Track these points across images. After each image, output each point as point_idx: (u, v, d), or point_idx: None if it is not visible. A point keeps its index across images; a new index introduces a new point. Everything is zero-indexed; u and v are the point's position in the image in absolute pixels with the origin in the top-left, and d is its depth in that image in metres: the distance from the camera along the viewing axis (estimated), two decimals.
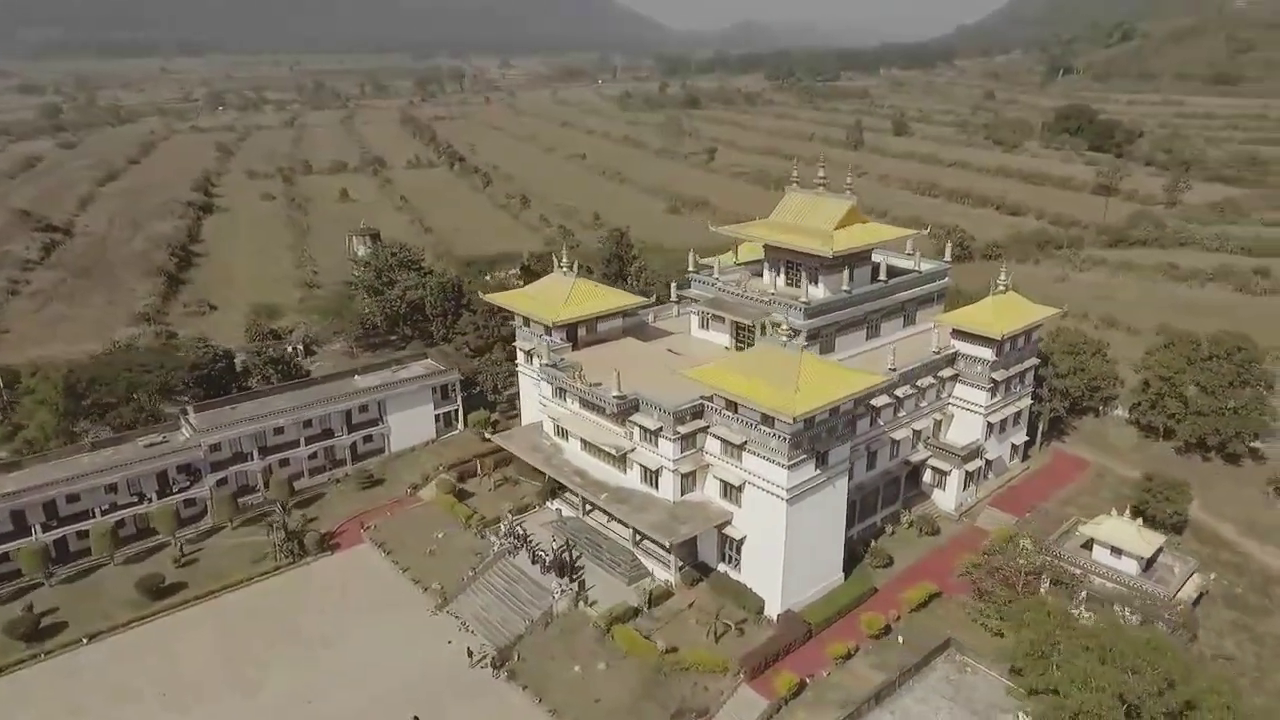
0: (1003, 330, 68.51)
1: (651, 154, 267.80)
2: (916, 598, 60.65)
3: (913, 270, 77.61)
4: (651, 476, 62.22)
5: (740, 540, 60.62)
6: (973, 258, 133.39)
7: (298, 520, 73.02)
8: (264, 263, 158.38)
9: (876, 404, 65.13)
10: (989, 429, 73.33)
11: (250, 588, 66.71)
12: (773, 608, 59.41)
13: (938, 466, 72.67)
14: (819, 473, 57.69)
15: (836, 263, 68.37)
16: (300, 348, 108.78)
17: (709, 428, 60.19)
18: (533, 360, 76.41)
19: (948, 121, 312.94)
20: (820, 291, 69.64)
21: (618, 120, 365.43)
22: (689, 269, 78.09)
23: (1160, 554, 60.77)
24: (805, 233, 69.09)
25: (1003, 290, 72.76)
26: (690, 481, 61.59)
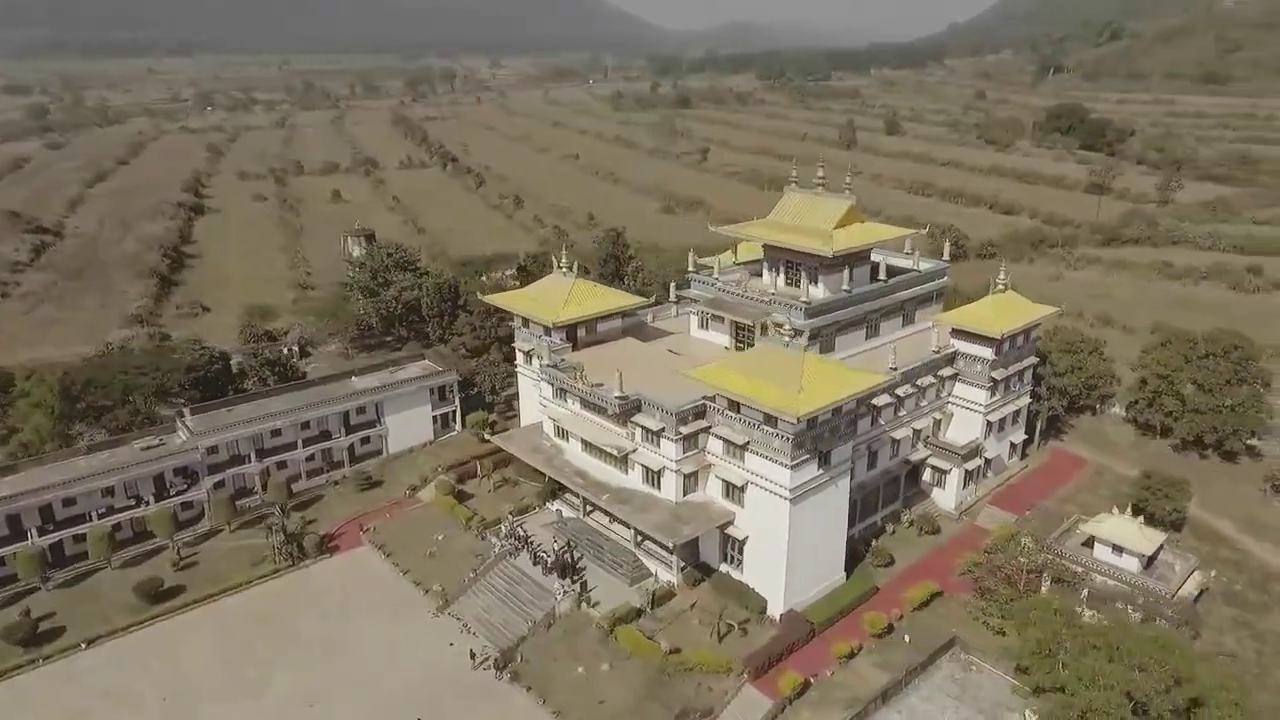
0: (1002, 329, 68.68)
1: (644, 154, 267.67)
2: (919, 597, 60.72)
3: (911, 270, 77.70)
4: (653, 477, 62.12)
5: (743, 540, 60.58)
6: (967, 257, 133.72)
7: (296, 523, 72.63)
8: (257, 264, 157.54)
9: (877, 403, 65.20)
10: (988, 428, 73.51)
11: (250, 591, 66.26)
12: (775, 607, 59.39)
13: (937, 465, 72.78)
14: (822, 472, 57.71)
15: (836, 262, 68.42)
16: (295, 349, 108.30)
17: (711, 428, 60.14)
18: (532, 361, 76.27)
19: (939, 121, 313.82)
20: (820, 291, 69.67)
21: (609, 120, 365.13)
22: (688, 269, 78.04)
23: (1161, 551, 61.00)
24: (805, 232, 69.11)
25: (1002, 289, 72.96)
26: (692, 482, 61.54)
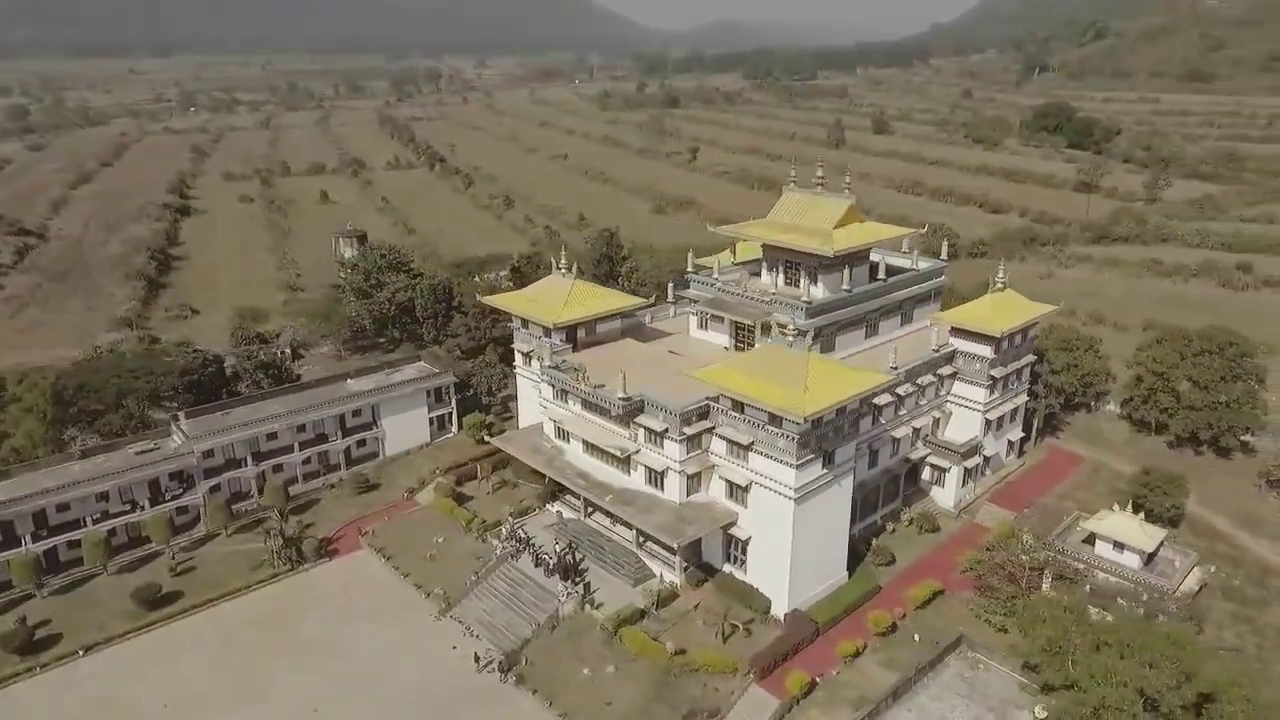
0: (1002, 328, 68.96)
1: (633, 154, 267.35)
2: (921, 595, 60.87)
3: (910, 269, 77.88)
4: (656, 478, 61.98)
5: (746, 540, 60.56)
6: (959, 255, 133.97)
7: (294, 526, 72.01)
8: (245, 265, 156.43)
9: (878, 402, 65.34)
10: (987, 426, 73.76)
11: (249, 595, 65.65)
12: (779, 607, 59.39)
13: (937, 464, 73.00)
14: (826, 472, 57.74)
15: (836, 262, 68.48)
16: (287, 351, 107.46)
17: (714, 428, 60.05)
18: (531, 362, 76.01)
19: (927, 120, 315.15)
20: (820, 291, 69.69)
21: (597, 120, 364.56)
22: (688, 269, 77.98)
23: (1161, 548, 61.36)
24: (805, 232, 69.12)
25: (1000, 288, 73.24)
26: (696, 482, 61.45)
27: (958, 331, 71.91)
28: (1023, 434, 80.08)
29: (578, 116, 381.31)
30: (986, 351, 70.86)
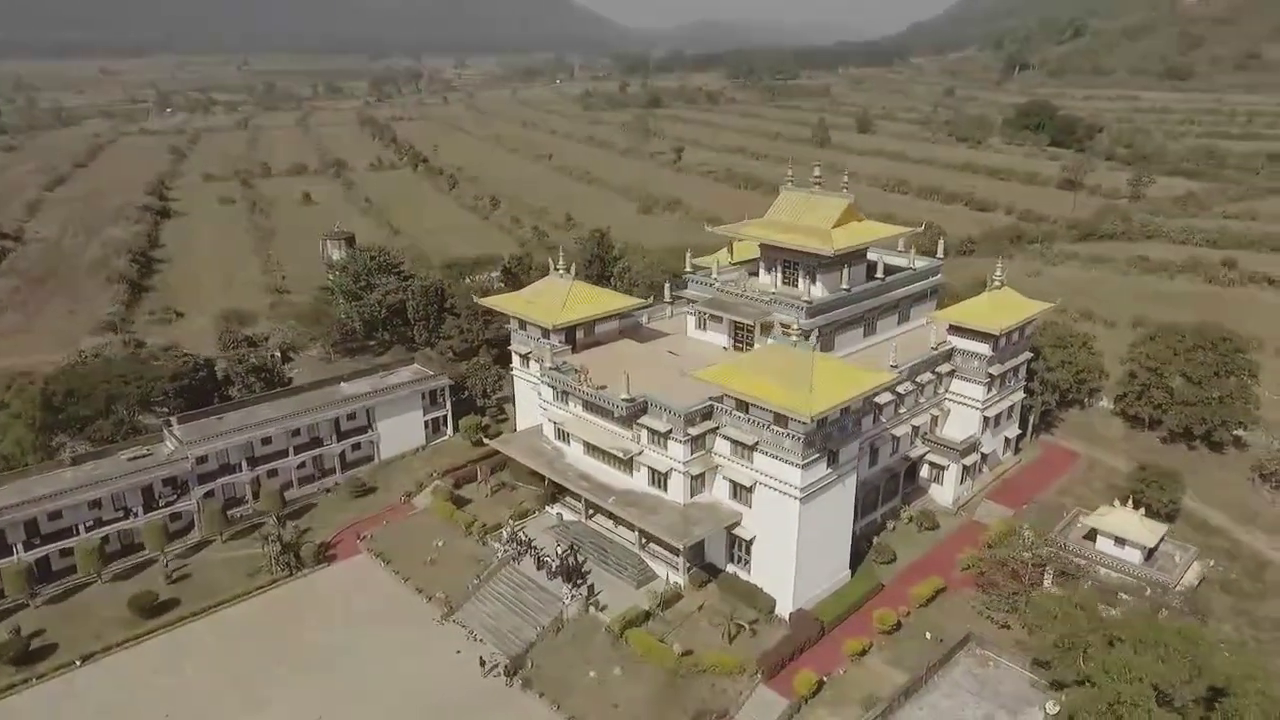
0: (1001, 325, 69.33)
1: (618, 154, 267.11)
2: (924, 593, 61.02)
3: (906, 268, 78.10)
4: (660, 479, 61.75)
5: (750, 540, 60.44)
6: (948, 254, 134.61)
7: (291, 532, 71.25)
8: (229, 268, 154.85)
9: (879, 401, 65.53)
10: (985, 423, 74.14)
11: (249, 602, 64.85)
12: (784, 607, 59.34)
13: (935, 461, 73.27)
14: (830, 471, 57.76)
15: (835, 261, 68.51)
16: (277, 354, 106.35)
17: (718, 429, 59.89)
18: (529, 364, 75.61)
19: (910, 119, 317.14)
20: (819, 290, 69.72)
21: (580, 120, 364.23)
22: (683, 269, 77.87)
23: (1161, 543, 61.89)
24: (804, 232, 69.10)
25: (998, 286, 73.63)
26: (699, 483, 61.25)
27: (956, 329, 72.20)
28: (1019, 431, 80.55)
29: (560, 117, 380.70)
30: (985, 349, 71.21)
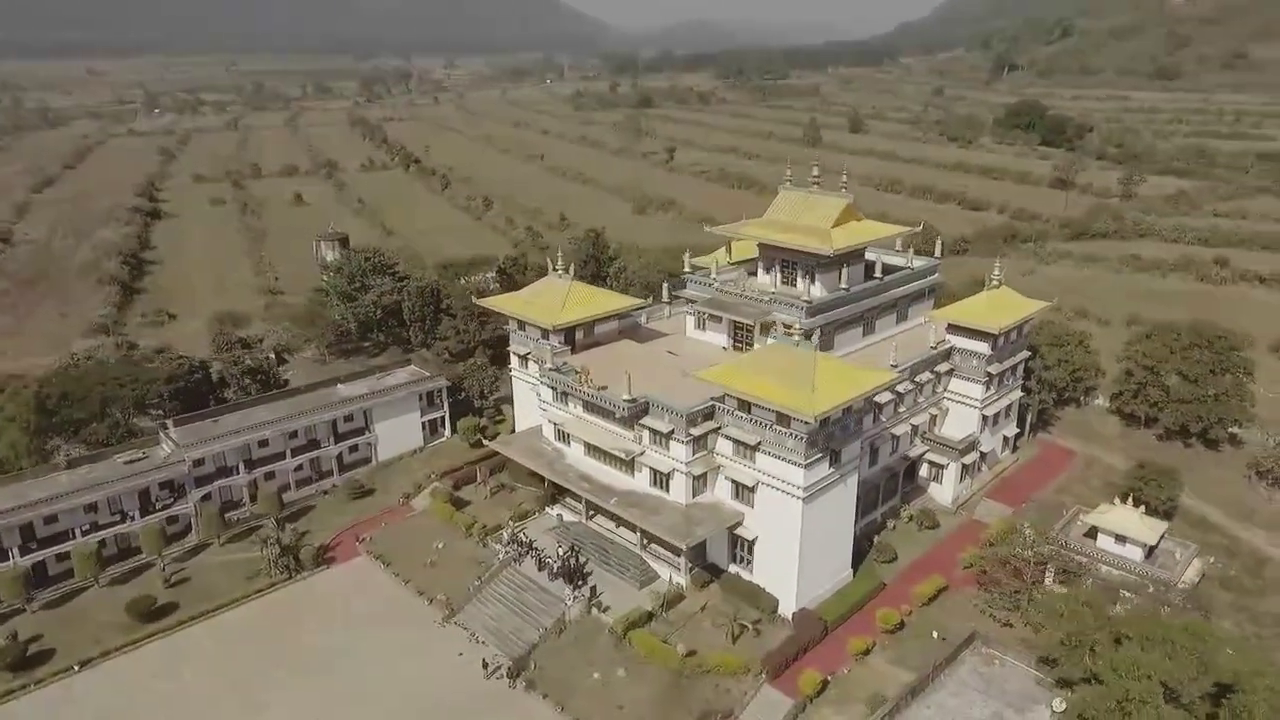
0: (1000, 324, 69.54)
1: (610, 154, 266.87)
2: (927, 592, 61.11)
3: (904, 267, 78.25)
4: (662, 479, 61.66)
5: (752, 540, 60.40)
6: (942, 253, 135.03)
7: (289, 534, 70.81)
8: (221, 269, 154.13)
9: (879, 400, 65.55)
10: (984, 422, 74.35)
11: (248, 605, 64.41)
12: (787, 607, 59.34)
13: (935, 460, 73.42)
14: (833, 470, 57.79)
15: (834, 261, 68.61)
16: (272, 356, 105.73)
17: (720, 429, 59.84)
18: (527, 365, 75.44)
19: (901, 118, 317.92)
20: (818, 290, 69.78)
21: (571, 120, 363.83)
22: (684, 269, 77.85)
23: (1161, 540, 62.15)
24: (803, 231, 69.12)
25: (996, 285, 73.85)
26: (701, 483, 61.18)
27: (955, 328, 72.38)
28: (1017, 430, 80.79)
29: (551, 117, 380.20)
30: (984, 348, 71.41)
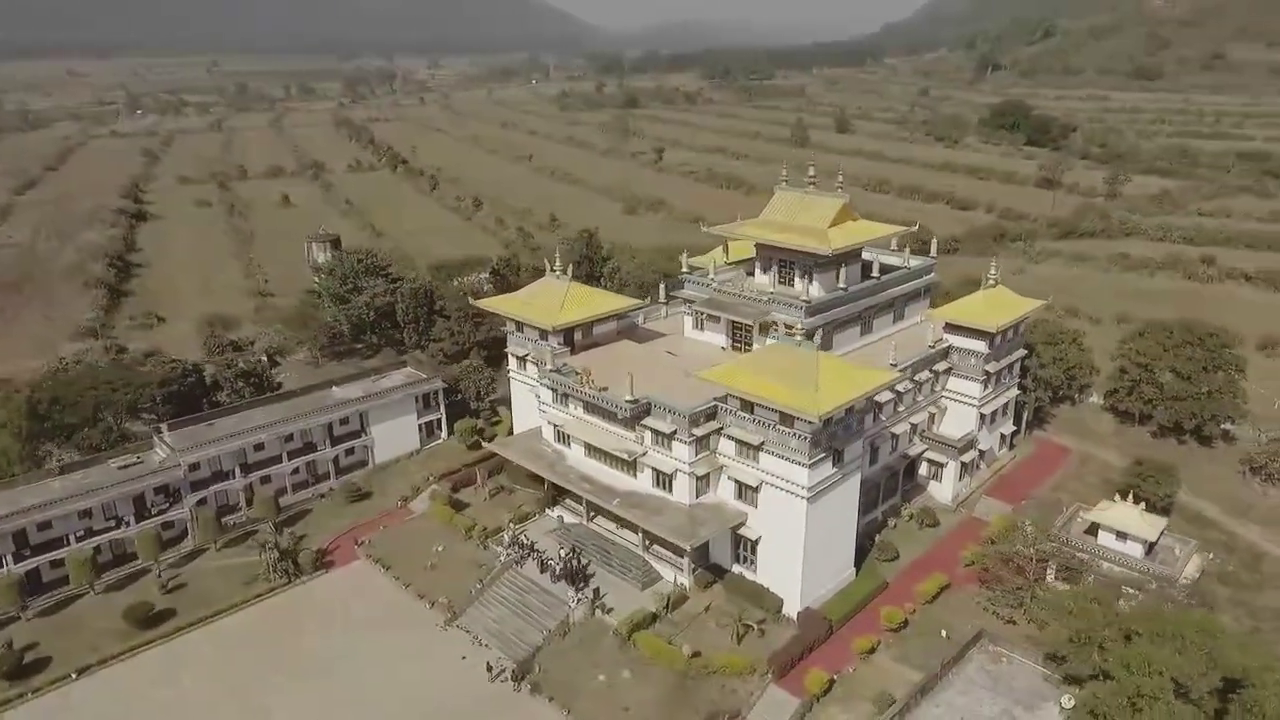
0: (997, 323, 69.86)
1: (598, 154, 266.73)
2: (930, 590, 61.32)
3: (901, 267, 78.48)
4: (665, 480, 61.56)
5: (755, 540, 60.38)
6: (930, 252, 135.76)
7: (287, 539, 70.24)
8: (209, 271, 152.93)
9: (879, 399, 65.70)
10: (982, 420, 74.67)
11: (247, 611, 63.84)
12: (791, 606, 59.37)
13: (934, 458, 73.70)
14: (836, 470, 57.87)
15: (832, 261, 68.68)
16: (264, 359, 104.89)
17: (723, 429, 59.80)
18: (525, 366, 75.18)
19: (887, 119, 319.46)
20: (816, 290, 69.86)
21: (558, 121, 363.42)
22: (682, 269, 77.81)
23: (1161, 536, 62.62)
24: (800, 231, 69.14)
25: (993, 284, 74.22)
26: (704, 484, 61.12)
27: (952, 328, 72.65)
28: (1014, 427, 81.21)
29: (538, 117, 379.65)
30: (981, 347, 71.73)
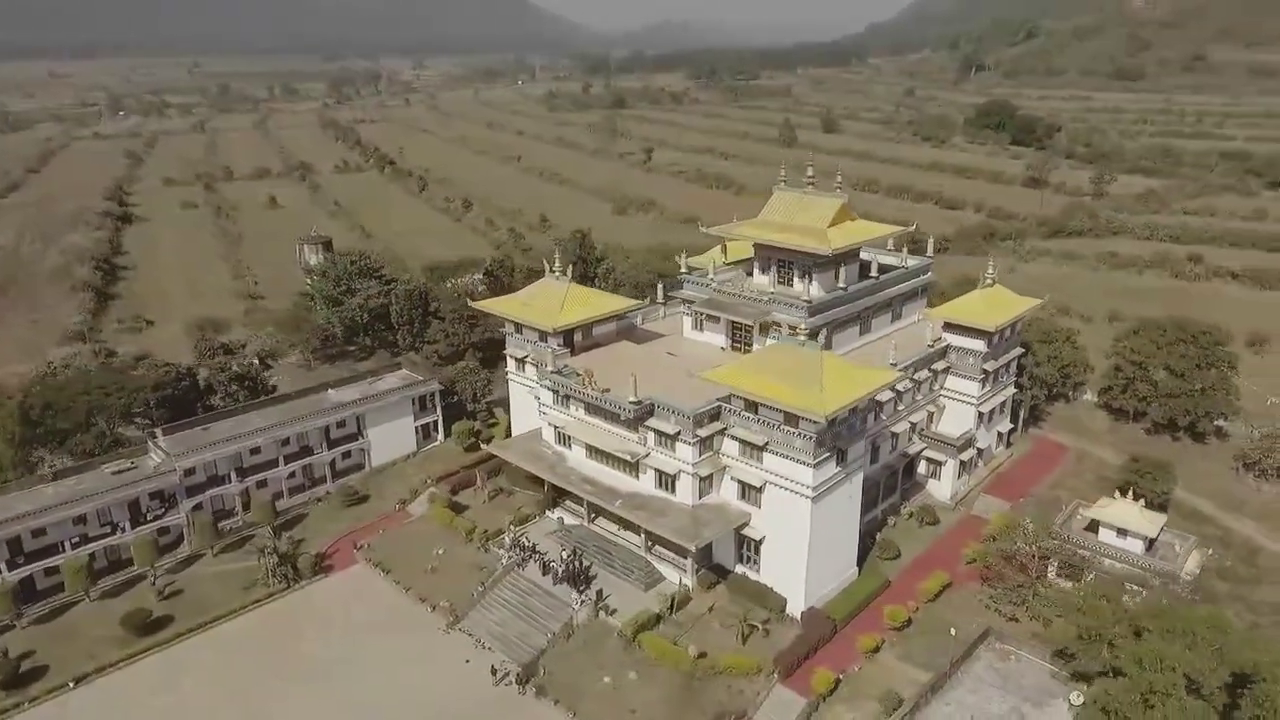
0: (996, 322, 70.20)
1: (587, 155, 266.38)
2: (932, 588, 61.51)
3: (899, 266, 78.76)
4: (668, 481, 61.47)
5: (759, 540, 60.41)
6: (922, 251, 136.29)
7: (286, 543, 69.71)
8: (196, 274, 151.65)
9: (880, 399, 65.88)
10: (980, 418, 74.99)
11: (246, 616, 63.26)
12: (795, 606, 59.41)
13: (933, 457, 73.98)
14: (840, 470, 57.98)
15: (831, 261, 68.83)
16: (256, 362, 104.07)
17: (726, 430, 59.78)
18: (524, 368, 74.94)
19: (874, 119, 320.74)
20: (816, 290, 69.95)
21: (546, 121, 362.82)
22: (681, 269, 77.81)
23: (1160, 532, 63.09)
24: (800, 231, 69.26)
25: (990, 283, 74.57)
26: (707, 484, 61.09)
27: (950, 327, 72.91)
28: (1010, 426, 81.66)
29: (525, 118, 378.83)
30: (980, 346, 72.04)
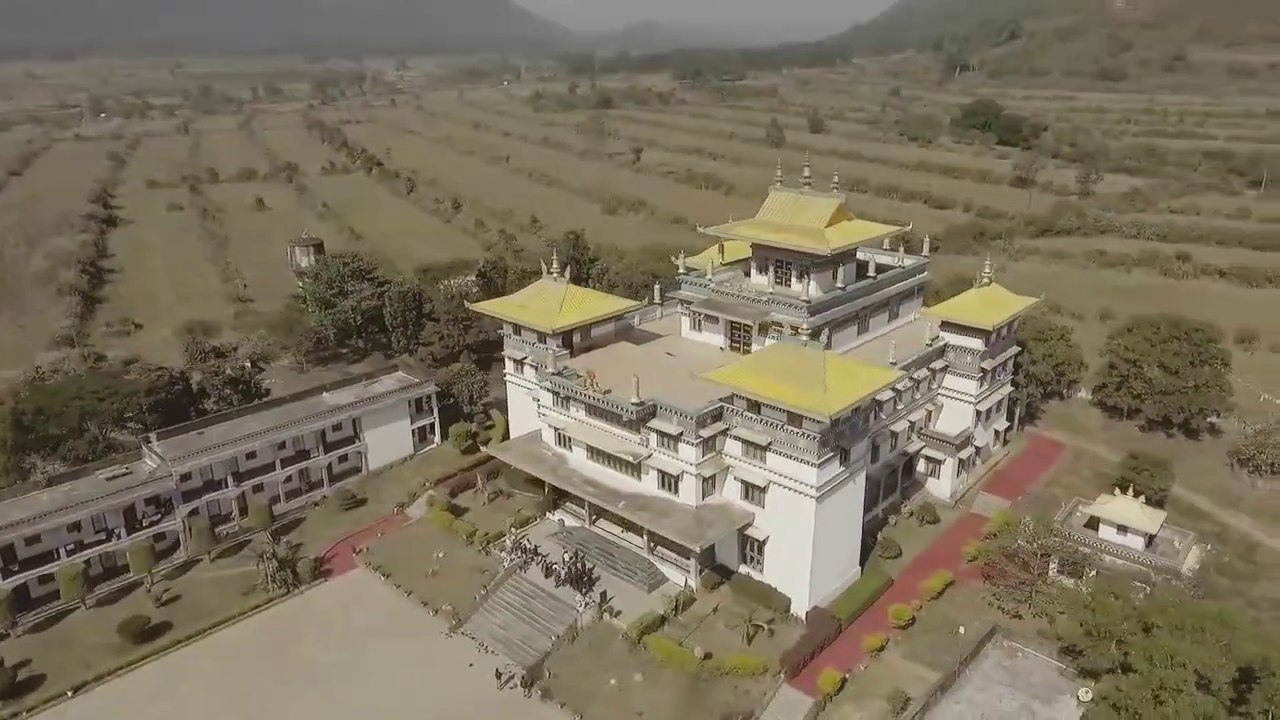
0: (993, 321, 70.55)
1: (575, 155, 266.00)
2: (935, 586, 61.70)
3: (895, 266, 79.02)
4: (671, 482, 61.36)
5: (763, 541, 60.42)
6: (913, 250, 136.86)
7: (284, 547, 69.07)
8: (184, 277, 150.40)
9: (881, 398, 66.03)
10: (978, 417, 75.34)
11: (246, 622, 62.61)
12: (800, 606, 59.45)
13: (932, 456, 74.22)
14: (843, 469, 58.08)
15: (829, 261, 68.97)
16: (248, 365, 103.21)
17: (729, 430, 59.75)
18: (523, 369, 74.68)
19: (859, 119, 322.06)
20: (814, 290, 70.08)
21: (532, 122, 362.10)
22: (680, 270, 77.75)
23: (1160, 529, 63.52)
24: (797, 232, 69.35)
25: (987, 283, 74.95)
26: (710, 485, 61.02)
27: (948, 326, 73.19)
28: (1007, 424, 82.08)
29: (512, 118, 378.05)
30: (978, 345, 72.38)
